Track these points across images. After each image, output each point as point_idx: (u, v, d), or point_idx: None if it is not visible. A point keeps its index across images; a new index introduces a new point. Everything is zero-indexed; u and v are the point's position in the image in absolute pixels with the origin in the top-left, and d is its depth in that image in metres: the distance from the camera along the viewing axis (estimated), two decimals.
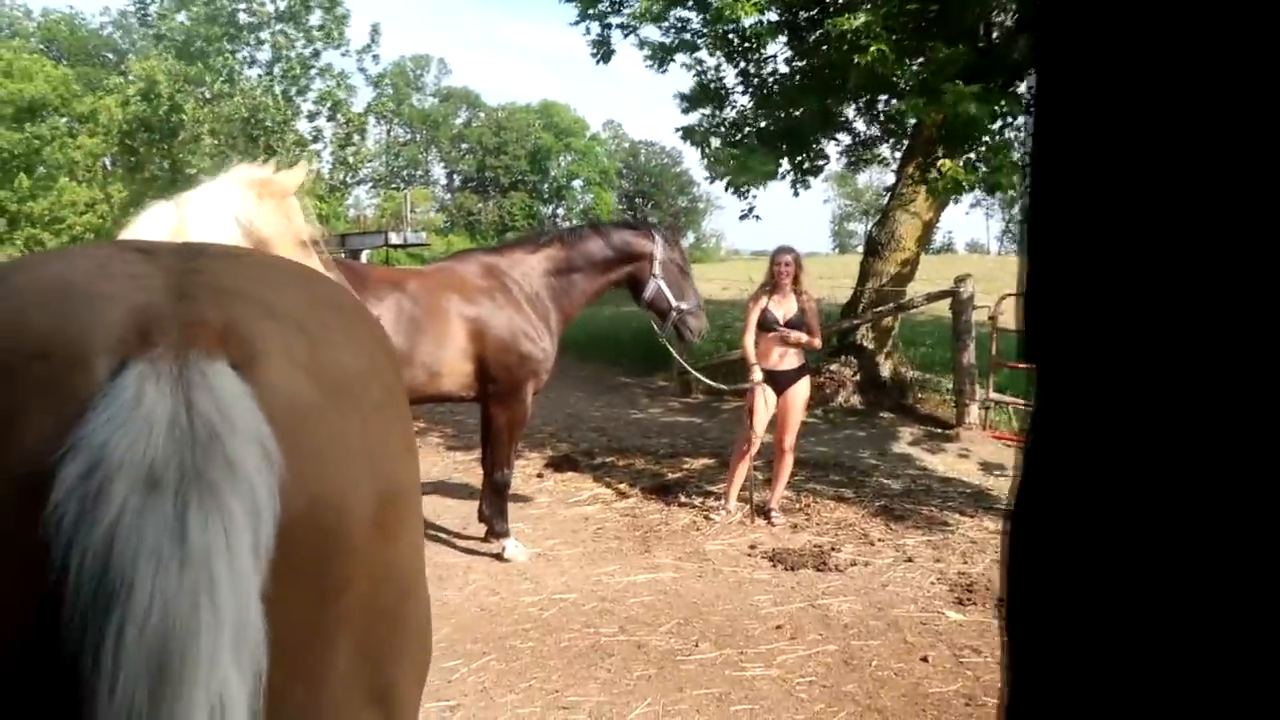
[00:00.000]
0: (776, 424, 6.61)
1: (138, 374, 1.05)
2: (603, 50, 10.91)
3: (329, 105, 22.61)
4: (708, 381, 7.17)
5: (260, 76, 22.16)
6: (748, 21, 8.74)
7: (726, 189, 10.76)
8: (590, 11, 10.60)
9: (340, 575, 1.18)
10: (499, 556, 5.67)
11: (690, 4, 9.89)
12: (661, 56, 10.33)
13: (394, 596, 1.28)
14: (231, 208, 2.69)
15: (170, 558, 0.98)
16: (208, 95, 20.73)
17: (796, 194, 11.44)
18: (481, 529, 5.93)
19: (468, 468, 7.68)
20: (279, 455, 1.07)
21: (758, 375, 6.48)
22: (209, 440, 1.03)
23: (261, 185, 2.87)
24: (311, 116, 22.96)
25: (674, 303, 6.00)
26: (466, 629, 4.65)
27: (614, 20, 10.62)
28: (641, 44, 10.51)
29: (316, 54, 22.75)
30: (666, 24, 10.29)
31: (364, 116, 22.84)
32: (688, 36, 10.00)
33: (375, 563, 1.22)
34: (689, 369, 6.83)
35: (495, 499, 5.75)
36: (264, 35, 22.35)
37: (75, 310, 1.11)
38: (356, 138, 23.12)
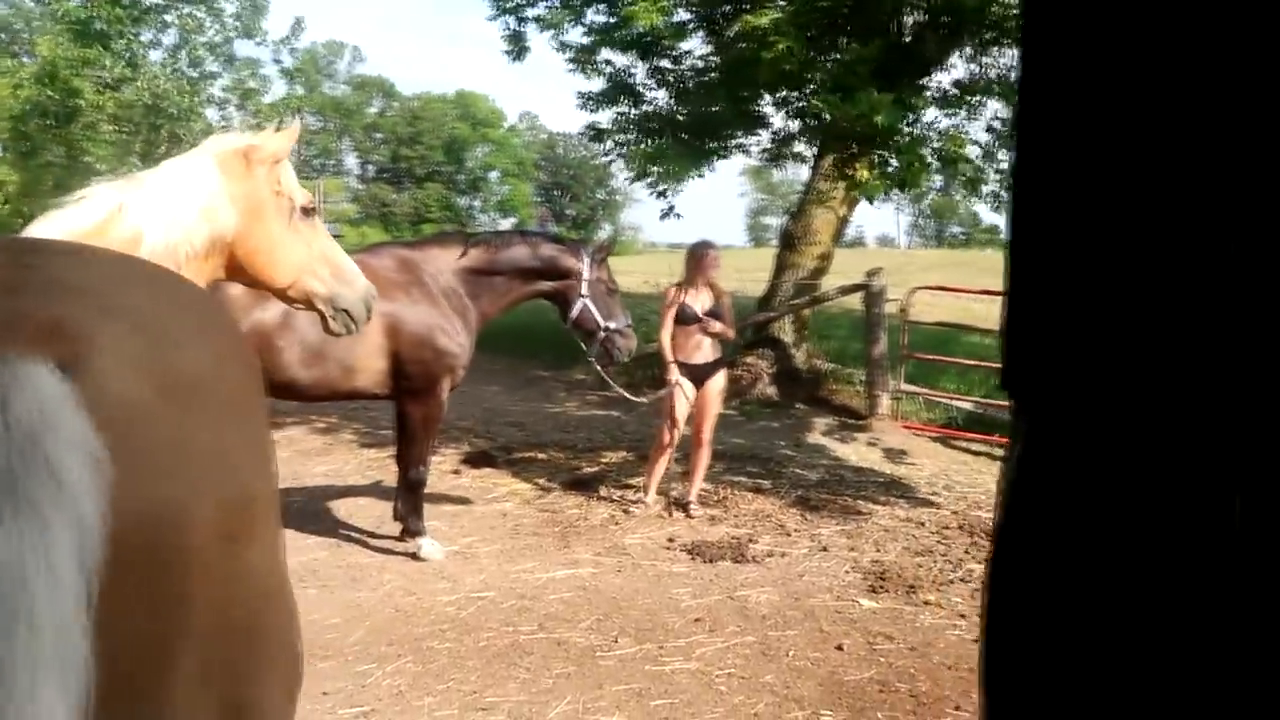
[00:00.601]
0: (694, 416, 6.64)
1: None
2: (518, 48, 10.79)
3: (239, 94, 21.89)
4: (628, 396, 7.17)
5: (164, 61, 21.33)
6: (651, 25, 8.74)
7: (643, 185, 10.77)
8: (506, 6, 10.47)
9: (181, 589, 1.11)
10: (414, 556, 5.57)
11: (601, 6, 9.85)
12: (584, 60, 10.26)
13: (247, 609, 1.22)
14: (197, 187, 2.54)
15: None
16: (108, 80, 19.87)
17: (701, 175, 11.38)
18: (396, 528, 5.82)
19: (381, 465, 7.54)
20: (108, 461, 1.00)
21: (674, 375, 6.50)
22: (27, 446, 0.96)
23: (248, 153, 2.73)
24: (221, 104, 22.21)
25: (602, 323, 5.98)
26: (381, 631, 4.55)
27: (530, 13, 10.51)
28: (562, 46, 10.43)
29: (229, 41, 22.00)
30: (585, 25, 10.21)
31: (278, 109, 22.13)
32: (600, 37, 9.95)
33: (222, 575, 1.16)
34: (615, 386, 6.81)
35: (410, 497, 5.65)
36: (170, 18, 21.53)
37: None
38: (268, 126, 22.43)
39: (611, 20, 9.71)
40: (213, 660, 1.16)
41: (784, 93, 9.62)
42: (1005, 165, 10.68)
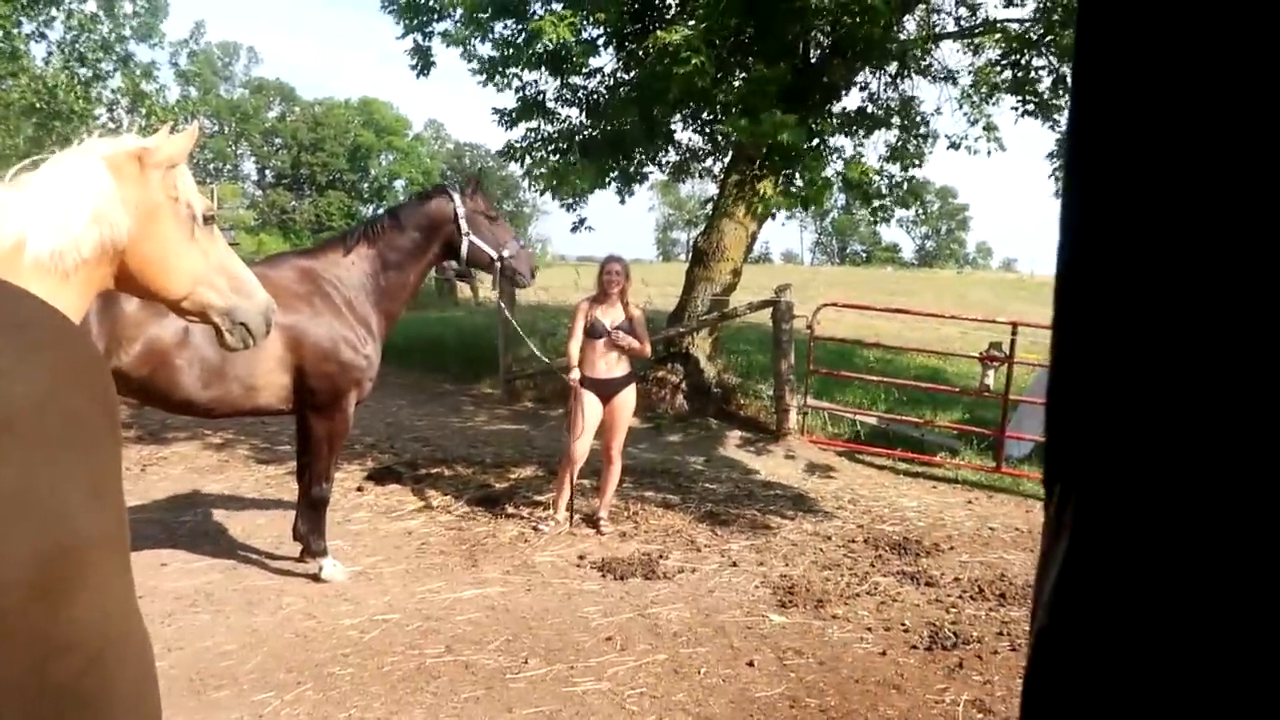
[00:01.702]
0: (604, 432, 6.60)
1: None
2: (422, 62, 10.64)
3: (130, 96, 21.01)
4: (537, 352, 7.10)
5: (50, 59, 20.34)
6: (558, 40, 8.73)
7: (553, 199, 10.74)
8: (412, 22, 10.31)
9: None
10: (315, 577, 5.38)
11: (510, 22, 9.77)
12: (491, 71, 10.16)
13: (74, 668, 1.10)
14: (86, 190, 2.38)
15: None
16: None
17: (623, 201, 11.51)
18: (296, 548, 5.63)
19: (279, 483, 7.29)
20: None
21: (575, 375, 6.47)
22: None
23: (142, 156, 2.56)
24: (110, 106, 21.28)
25: (493, 253, 5.80)
26: (279, 657, 4.38)
27: (436, 28, 10.37)
28: (470, 57, 10.31)
29: (122, 41, 21.09)
30: (491, 38, 10.12)
31: (172, 111, 21.29)
32: (510, 51, 9.88)
33: (38, 632, 1.04)
34: (518, 328, 6.71)
35: (312, 515, 5.46)
36: (57, 12, 20.55)
37: None
38: (162, 129, 21.61)
39: (520, 36, 9.65)
40: None
41: (693, 109, 9.71)
42: (899, 181, 11.00)
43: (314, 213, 59.10)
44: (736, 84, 8.46)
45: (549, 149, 10.65)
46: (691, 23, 7.95)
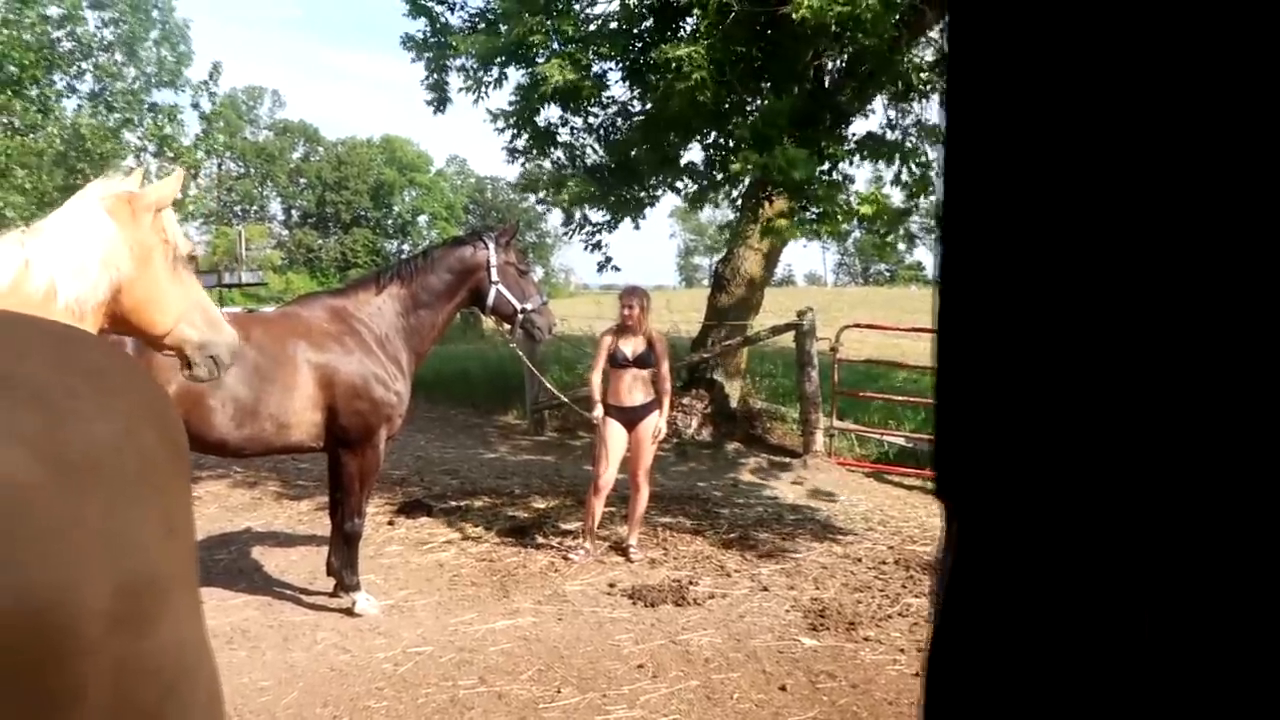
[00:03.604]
0: (630, 459, 6.64)
1: None
2: (439, 98, 10.79)
3: (156, 140, 21.43)
4: (551, 388, 7.16)
5: (80, 108, 20.80)
6: (565, 81, 8.84)
7: (572, 238, 10.80)
8: (430, 61, 10.46)
9: (70, 681, 1.04)
10: (349, 611, 5.43)
11: (519, 68, 9.89)
12: (509, 123, 10.29)
13: (151, 699, 1.15)
14: (96, 234, 2.51)
15: None
16: (19, 127, 19.28)
17: (636, 226, 11.51)
18: (329, 584, 5.68)
19: (312, 518, 7.36)
20: None
21: (598, 413, 6.53)
22: None
23: (131, 200, 2.70)
24: (138, 153, 21.70)
25: (517, 305, 5.92)
26: (315, 692, 4.42)
27: (453, 64, 10.51)
28: (494, 117, 10.45)
29: (148, 88, 21.56)
30: (504, 79, 10.23)
31: (195, 152, 21.69)
32: (522, 96, 10.00)
33: (119, 662, 1.09)
34: (537, 373, 6.80)
35: (345, 550, 5.52)
36: (86, 65, 21.04)
37: None
38: (189, 173, 22.00)
39: (528, 79, 9.78)
40: None
41: (704, 134, 9.76)
42: (923, 209, 10.98)
43: (340, 251, 59.73)
44: (748, 115, 8.51)
45: (563, 179, 10.73)
46: (696, 42, 8.02)
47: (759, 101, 8.55)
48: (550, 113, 10.33)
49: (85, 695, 1.05)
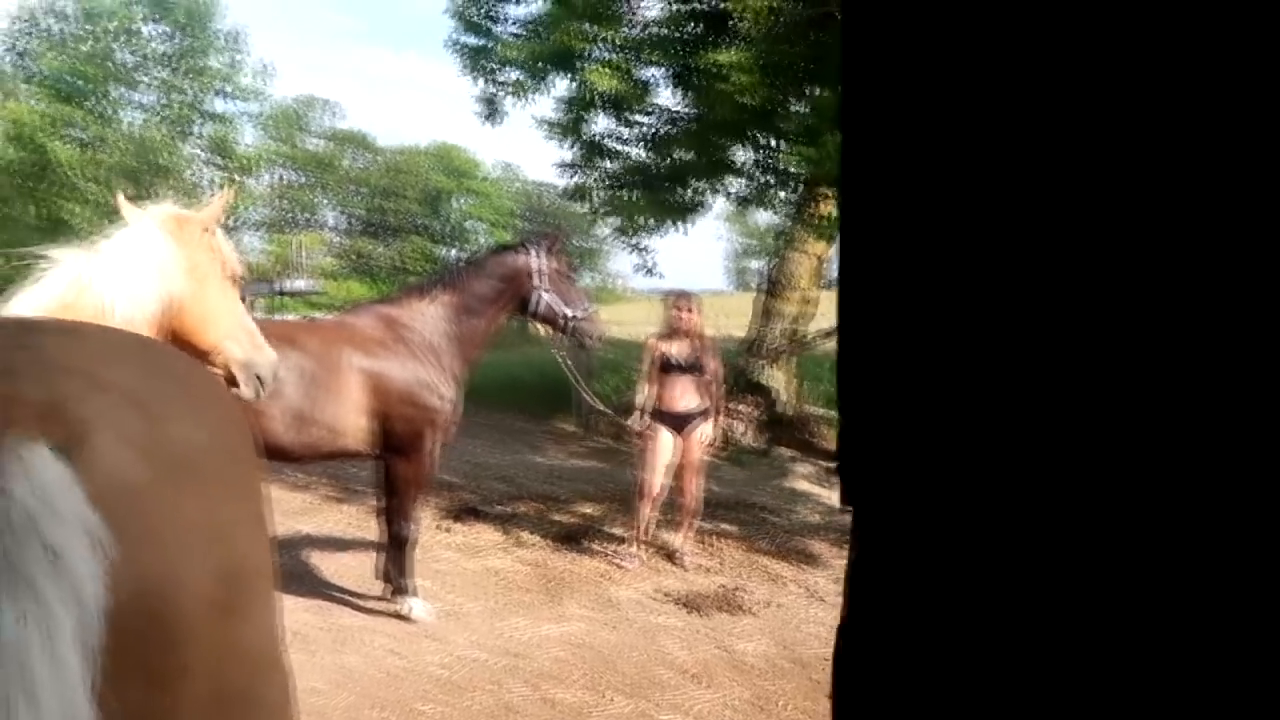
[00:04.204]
0: (681, 466, 6.60)
1: None
2: (491, 110, 10.86)
3: (214, 150, 21.90)
4: (591, 399, 7.15)
5: (143, 120, 21.34)
6: (611, 89, 8.83)
7: (624, 245, 10.78)
8: (477, 69, 10.53)
9: (178, 660, 1.13)
10: (402, 616, 5.47)
11: (564, 73, 9.90)
12: (559, 131, 10.31)
13: (243, 679, 1.24)
14: (152, 254, 2.61)
15: None
16: (83, 139, 19.83)
17: (685, 233, 11.45)
18: (382, 588, 5.72)
19: (365, 523, 7.41)
20: (108, 540, 1.02)
21: (635, 421, 6.53)
22: (25, 528, 0.98)
23: (181, 222, 2.80)
24: (196, 163, 22.20)
25: (564, 312, 5.90)
26: (368, 695, 4.46)
27: (499, 76, 10.56)
28: (541, 124, 10.50)
29: (204, 98, 22.06)
30: (551, 88, 10.26)
31: (253, 160, 22.15)
32: (570, 105, 10.00)
33: (218, 645, 1.18)
34: (578, 381, 6.80)
35: (398, 555, 5.56)
36: (146, 78, 21.58)
37: None
38: (247, 181, 22.44)
39: (574, 87, 9.79)
40: None
41: (751, 136, 9.69)
42: None
43: (394, 258, 60.42)
44: (796, 110, 8.44)
45: (612, 187, 10.71)
46: (742, 44, 7.96)
47: (807, 103, 8.47)
48: (598, 124, 10.34)
49: (189, 674, 1.14)
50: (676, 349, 6.53)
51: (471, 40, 10.65)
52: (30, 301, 2.39)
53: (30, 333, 1.28)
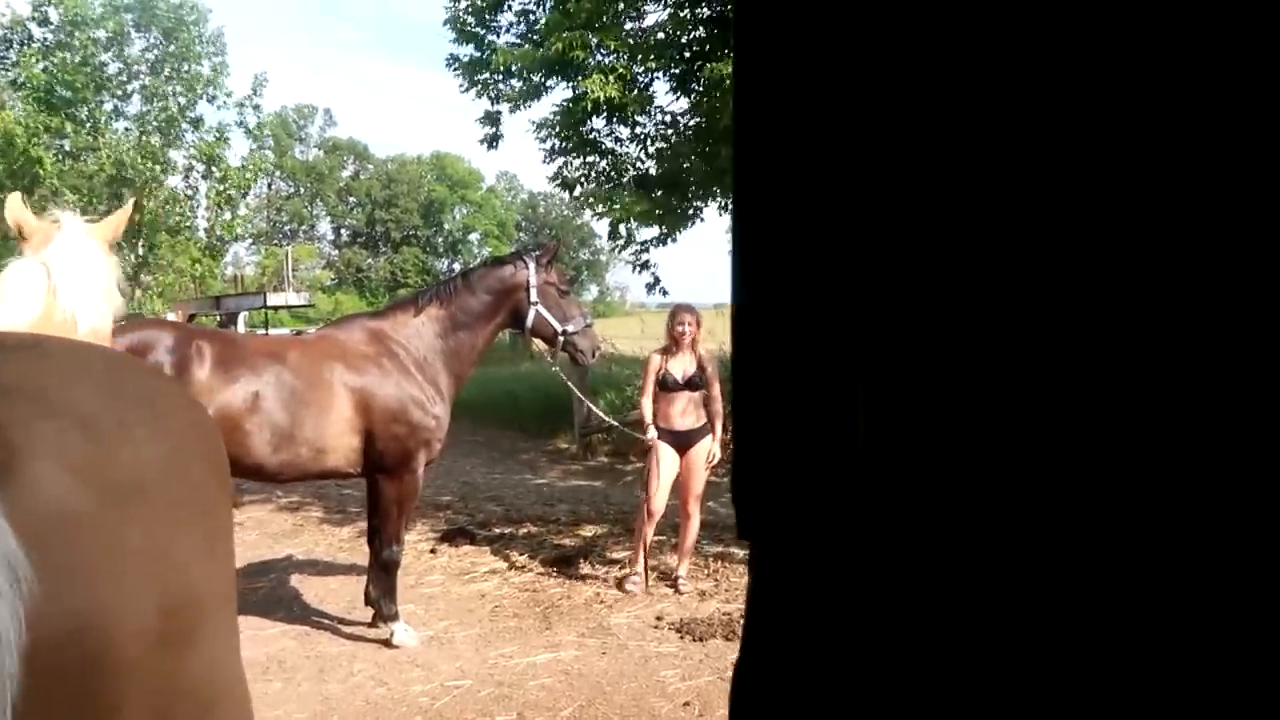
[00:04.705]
0: (681, 485, 6.43)
1: None
2: (493, 137, 10.76)
3: (203, 160, 21.80)
4: (599, 413, 6.98)
5: (127, 129, 21.25)
6: (607, 98, 8.71)
7: (627, 259, 10.64)
8: (474, 82, 10.41)
9: (112, 700, 1.07)
10: (387, 643, 5.29)
11: (560, 79, 9.79)
12: (555, 133, 10.18)
13: (190, 714, 1.19)
14: (99, 267, 2.55)
15: None
16: (69, 148, 19.74)
17: (674, 240, 11.21)
18: (368, 613, 5.54)
19: (352, 546, 7.25)
20: (29, 572, 0.96)
21: (652, 433, 6.35)
22: None
23: (106, 233, 2.73)
24: (185, 173, 22.09)
25: (558, 326, 5.74)
26: None
27: (502, 89, 10.44)
28: (538, 127, 10.37)
29: (192, 104, 21.97)
30: (547, 90, 10.14)
31: (245, 174, 22.02)
32: (565, 110, 9.89)
33: (159, 681, 1.12)
34: (582, 397, 6.64)
35: (384, 579, 5.38)
36: (133, 87, 21.49)
37: None
38: (236, 195, 22.31)
39: (571, 92, 9.69)
40: None
41: None
42: None
43: (389, 270, 60.29)
44: None
45: (601, 181, 10.56)
46: None
47: None
48: (595, 124, 10.21)
49: (125, 711, 1.08)
50: (677, 364, 6.38)
51: (470, 52, 10.53)
52: (9, 315, 2.33)
53: None
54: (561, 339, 5.79)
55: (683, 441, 6.36)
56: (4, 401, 1.10)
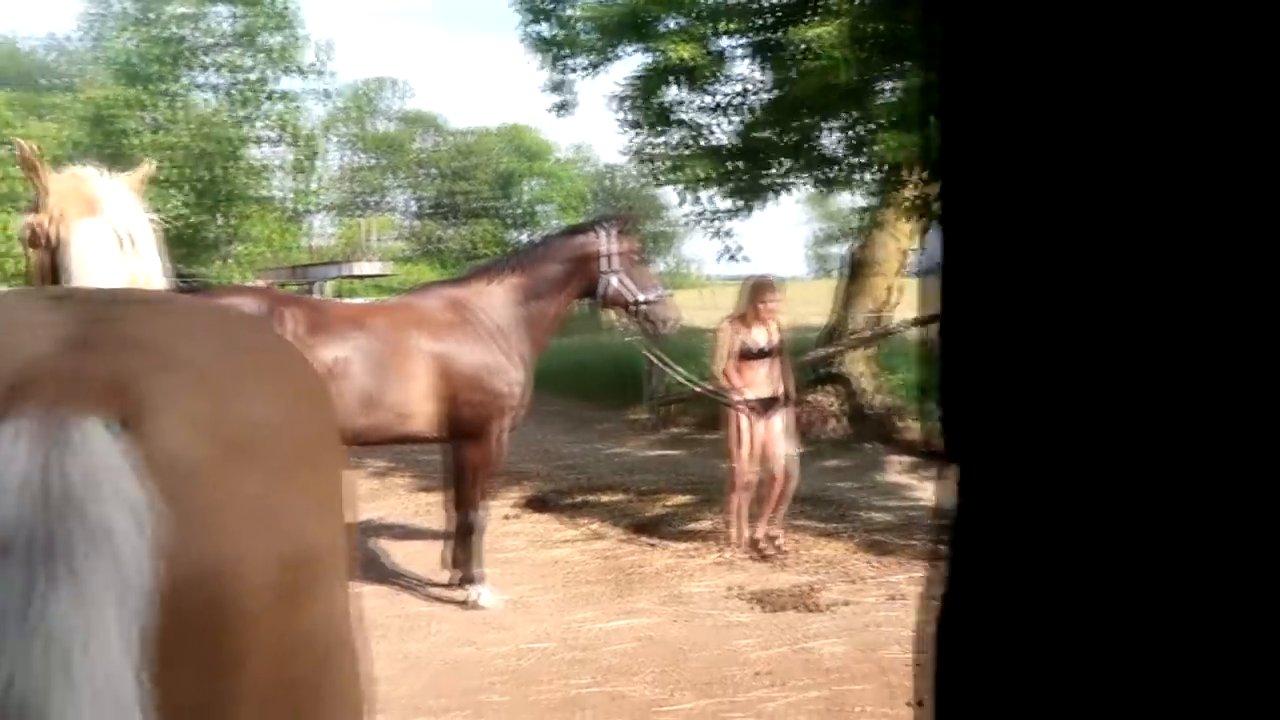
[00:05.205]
0: (767, 453, 6.46)
1: None
2: (561, 105, 10.70)
3: (281, 130, 22.27)
4: (685, 377, 6.95)
5: (209, 101, 21.80)
6: (685, 58, 8.60)
7: (705, 231, 10.55)
8: (546, 54, 10.36)
9: (236, 646, 1.10)
10: (469, 604, 5.40)
11: (634, 42, 9.67)
12: (631, 104, 10.10)
13: (307, 666, 1.21)
14: (149, 227, 2.53)
15: (18, 631, 0.93)
16: (153, 121, 20.33)
17: (753, 212, 11.06)
18: (449, 576, 5.66)
19: (434, 510, 7.39)
20: (156, 520, 1.00)
21: (736, 395, 6.34)
22: (65, 504, 0.97)
23: (134, 190, 2.66)
24: (262, 142, 22.59)
25: (634, 296, 5.73)
26: (433, 684, 4.40)
27: (571, 63, 10.37)
28: (613, 98, 10.30)
29: (269, 78, 22.44)
30: (621, 57, 10.03)
31: (315, 138, 22.46)
32: (641, 77, 9.77)
33: (279, 632, 1.15)
34: (663, 362, 6.63)
35: (465, 543, 5.49)
36: (213, 59, 22.01)
37: None
38: (312, 163, 22.76)
39: (646, 58, 9.57)
40: (272, 716, 1.16)
41: (841, 117, 9.37)
42: None
43: (464, 241, 60.87)
44: (887, 92, 8.14)
45: (683, 160, 10.45)
46: (830, 18, 7.67)
47: (899, 81, 8.15)
48: (669, 93, 10.09)
49: (249, 661, 1.11)
50: (755, 334, 6.37)
51: (540, 27, 10.50)
52: (101, 276, 2.33)
53: (113, 305, 1.26)
54: (637, 308, 5.78)
55: (762, 410, 6.37)
56: (131, 354, 1.13)
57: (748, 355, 6.36)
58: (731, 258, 11.06)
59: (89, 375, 1.07)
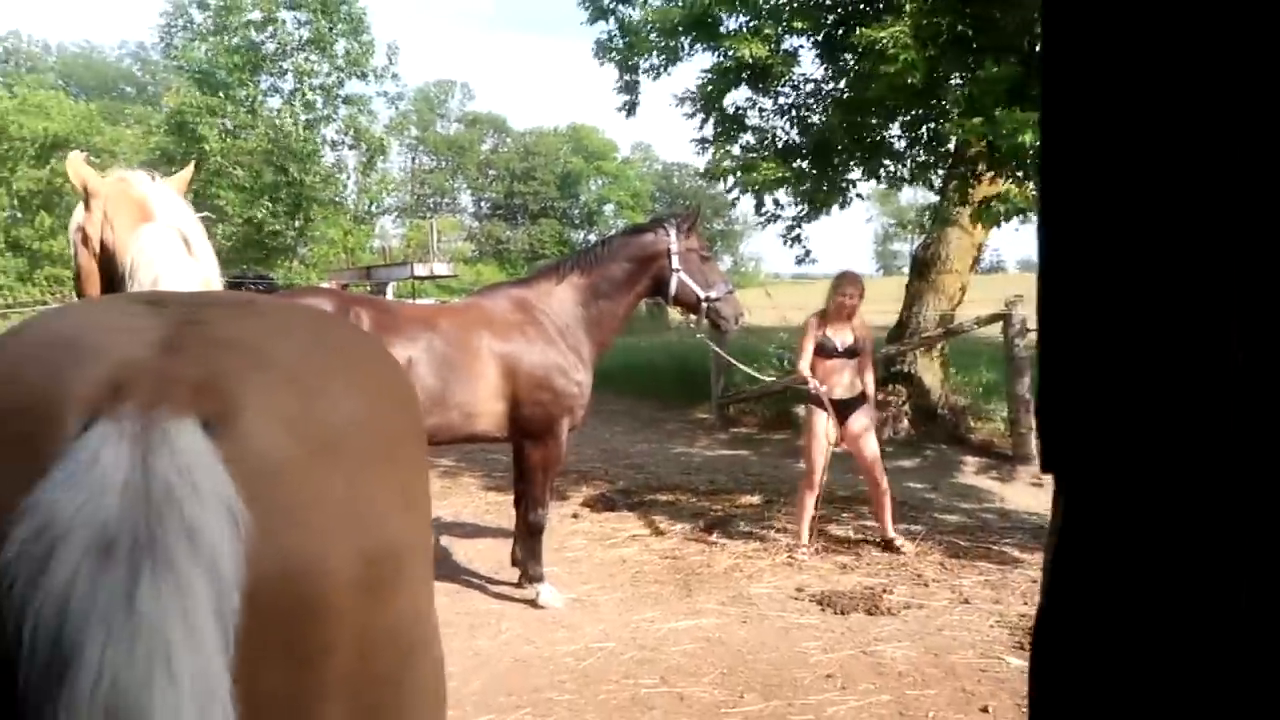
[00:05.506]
0: (857, 456, 6.47)
1: (99, 433, 1.02)
2: (629, 104, 10.71)
3: (350, 133, 22.70)
4: (753, 374, 6.91)
5: (283, 106, 22.30)
6: (754, 56, 8.52)
7: (766, 222, 10.46)
8: (612, 58, 10.38)
9: (322, 641, 1.13)
10: (533, 603, 5.44)
11: (702, 46, 9.62)
12: (699, 107, 10.05)
13: (391, 661, 1.23)
14: (203, 231, 2.54)
15: (121, 627, 0.94)
16: (229, 126, 20.86)
17: (826, 213, 10.97)
18: (515, 574, 5.71)
19: (501, 509, 7.46)
20: (248, 517, 1.03)
21: (818, 386, 6.28)
22: (164, 503, 1.00)
23: (180, 190, 2.68)
24: (334, 145, 23.04)
25: (701, 293, 5.70)
26: (499, 681, 4.43)
27: (640, 63, 10.37)
28: (680, 100, 10.26)
29: (341, 82, 22.89)
30: (688, 57, 10.00)
31: (382, 138, 22.87)
32: (709, 77, 9.73)
33: (364, 627, 1.17)
34: (735, 361, 6.59)
35: (529, 542, 5.52)
36: (286, 65, 22.51)
37: (61, 365, 1.10)
38: (378, 161, 23.16)
39: (713, 58, 9.53)
40: (357, 712, 1.17)
41: (909, 114, 9.23)
42: None
43: (528, 241, 61.34)
44: (956, 85, 7.98)
45: (753, 163, 10.39)
46: (899, 16, 7.56)
47: (968, 77, 8.00)
48: (738, 95, 10.03)
49: (333, 655, 1.13)
50: (837, 332, 6.30)
51: (607, 30, 10.52)
52: (179, 280, 2.32)
53: (204, 307, 1.29)
54: (705, 305, 5.75)
55: (842, 410, 6.31)
56: (223, 354, 1.16)
57: (825, 353, 6.30)
58: (801, 260, 11.01)
59: (182, 376, 1.10)
